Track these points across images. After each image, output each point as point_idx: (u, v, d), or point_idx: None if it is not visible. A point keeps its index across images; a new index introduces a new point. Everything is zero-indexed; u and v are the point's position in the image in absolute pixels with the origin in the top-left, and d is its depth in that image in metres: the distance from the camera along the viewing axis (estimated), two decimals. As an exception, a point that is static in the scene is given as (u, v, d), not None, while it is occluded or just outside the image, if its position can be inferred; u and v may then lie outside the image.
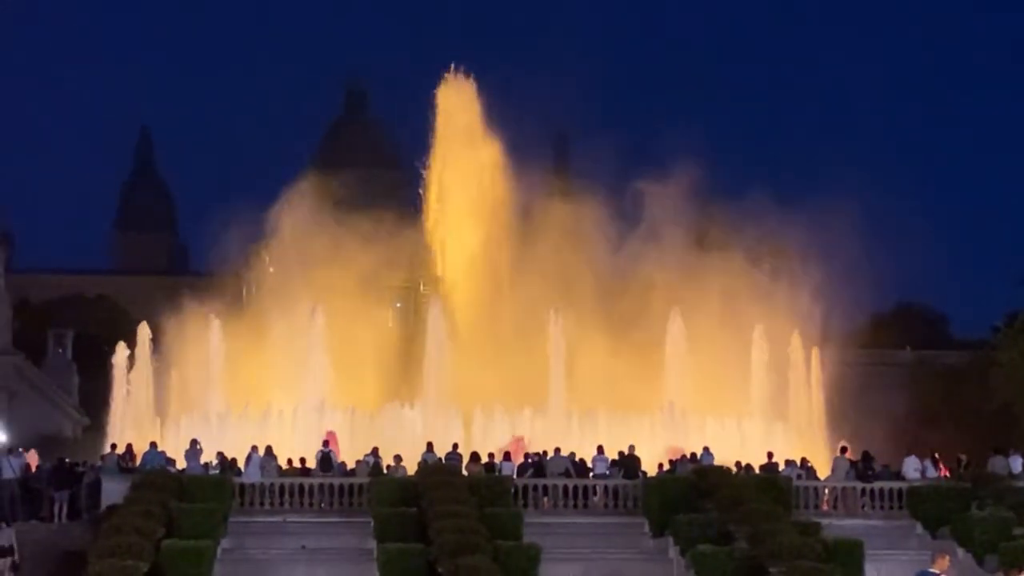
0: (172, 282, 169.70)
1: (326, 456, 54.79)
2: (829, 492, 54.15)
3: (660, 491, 50.39)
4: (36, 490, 52.78)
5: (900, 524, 51.39)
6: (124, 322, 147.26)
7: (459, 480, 49.18)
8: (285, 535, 48.31)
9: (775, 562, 41.44)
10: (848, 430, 64.98)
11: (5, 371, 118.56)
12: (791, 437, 65.58)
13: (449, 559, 40.77)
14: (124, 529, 42.22)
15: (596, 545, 48.23)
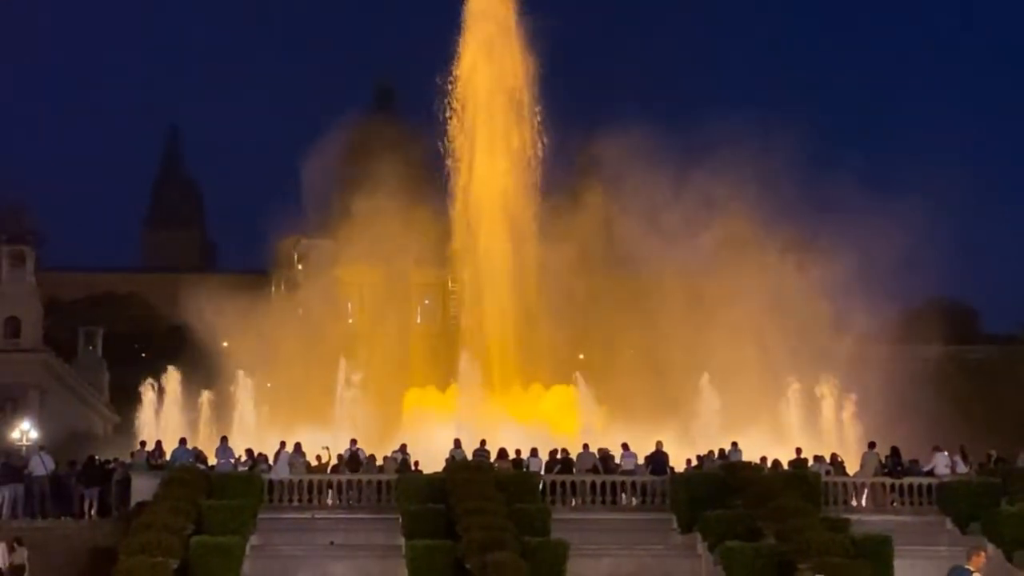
0: (201, 279, 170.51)
1: (354, 454, 54.93)
2: (858, 488, 54.04)
3: (688, 487, 50.35)
4: (66, 487, 53.11)
5: (930, 520, 51.25)
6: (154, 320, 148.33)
7: (487, 476, 49.23)
8: (314, 531, 48.47)
9: (804, 558, 41.36)
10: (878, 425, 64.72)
11: (36, 369, 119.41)
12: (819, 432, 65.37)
13: (477, 555, 40.81)
14: (154, 526, 42.42)
15: (624, 541, 48.19)
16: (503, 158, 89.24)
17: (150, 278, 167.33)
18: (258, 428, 61.44)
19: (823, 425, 66.57)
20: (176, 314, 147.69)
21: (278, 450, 54.86)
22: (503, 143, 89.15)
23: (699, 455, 56.30)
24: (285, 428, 59.39)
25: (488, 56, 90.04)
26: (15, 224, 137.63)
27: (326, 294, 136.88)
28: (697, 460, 55.91)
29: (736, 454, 55.40)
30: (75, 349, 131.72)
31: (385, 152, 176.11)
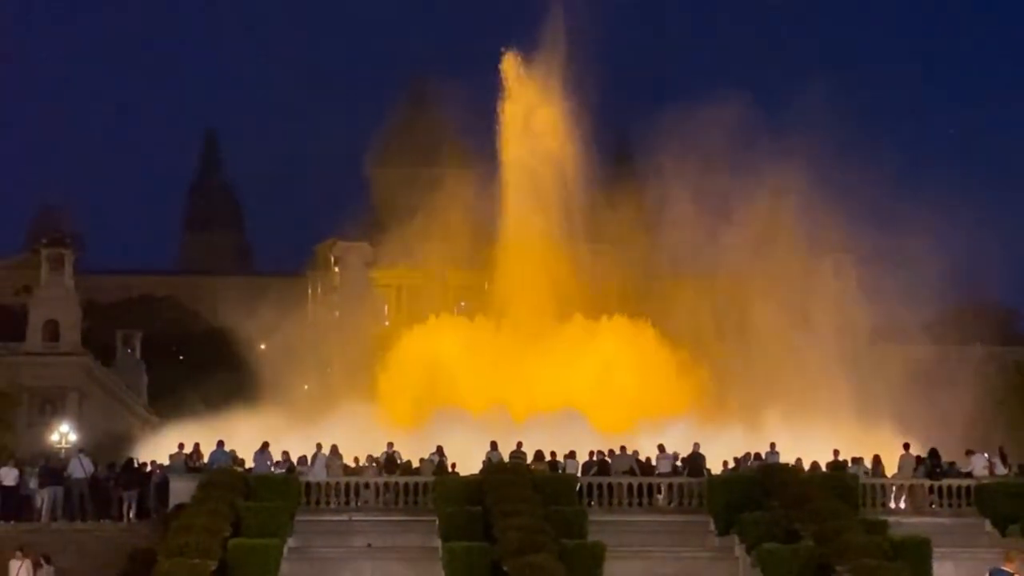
0: (238, 282, 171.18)
1: (391, 456, 55.01)
2: (896, 490, 53.83)
3: (725, 489, 50.26)
4: (105, 490, 53.38)
5: (968, 522, 51.00)
6: (192, 322, 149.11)
7: (524, 478, 49.23)
8: (351, 533, 48.60)
9: (841, 560, 41.26)
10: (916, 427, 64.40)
11: (75, 372, 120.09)
12: (857, 434, 64.93)
13: (514, 558, 40.85)
14: (192, 528, 42.59)
15: (661, 543, 48.19)
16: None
17: (188, 280, 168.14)
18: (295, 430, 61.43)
19: (860, 426, 66.12)
20: (214, 317, 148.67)
21: (315, 452, 54.99)
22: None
23: (736, 457, 56.14)
24: (322, 430, 59.42)
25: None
26: (54, 227, 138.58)
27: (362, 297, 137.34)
28: (734, 462, 55.78)
29: (773, 456, 55.22)
30: (113, 352, 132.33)
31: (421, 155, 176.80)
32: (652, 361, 76.07)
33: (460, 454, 55.45)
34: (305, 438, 59.14)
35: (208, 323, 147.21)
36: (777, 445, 56.65)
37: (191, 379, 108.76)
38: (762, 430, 63.04)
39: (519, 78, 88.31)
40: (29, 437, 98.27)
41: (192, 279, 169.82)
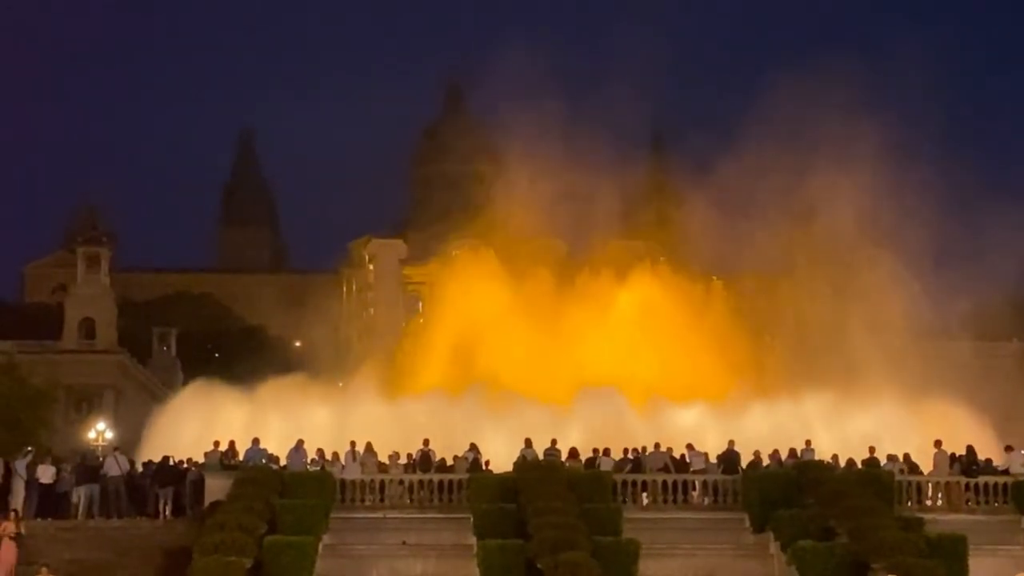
0: (273, 279, 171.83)
1: (425, 454, 55.10)
2: (932, 487, 53.63)
3: (760, 486, 50.10)
4: (141, 487, 53.62)
5: (1005, 519, 50.75)
6: (227, 319, 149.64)
7: (558, 476, 49.25)
8: (386, 531, 48.70)
9: (877, 558, 41.19)
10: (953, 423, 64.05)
11: (111, 370, 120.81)
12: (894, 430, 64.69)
13: (549, 555, 40.89)
14: (227, 525, 42.79)
15: (696, 541, 48.16)
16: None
17: (223, 278, 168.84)
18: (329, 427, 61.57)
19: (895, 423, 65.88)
20: (249, 314, 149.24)
21: (349, 450, 55.13)
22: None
23: (770, 454, 56.02)
24: (356, 427, 59.54)
25: None
26: (90, 226, 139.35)
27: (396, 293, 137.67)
28: (769, 459, 55.65)
29: (809, 453, 55.10)
30: (149, 349, 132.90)
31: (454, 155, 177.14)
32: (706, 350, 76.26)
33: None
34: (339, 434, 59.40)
35: (243, 320, 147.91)
36: (814, 440, 56.60)
37: (226, 376, 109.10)
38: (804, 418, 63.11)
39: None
40: (65, 435, 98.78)
41: (227, 277, 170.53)
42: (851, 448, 56.08)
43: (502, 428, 60.84)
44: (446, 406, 64.49)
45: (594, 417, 62.63)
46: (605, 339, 76.13)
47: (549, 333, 76.72)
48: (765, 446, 57.15)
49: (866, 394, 66.31)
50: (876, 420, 62.64)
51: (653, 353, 74.70)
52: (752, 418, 63.70)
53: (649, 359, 73.72)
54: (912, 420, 61.69)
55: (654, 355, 74.46)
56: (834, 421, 63.06)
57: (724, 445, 55.39)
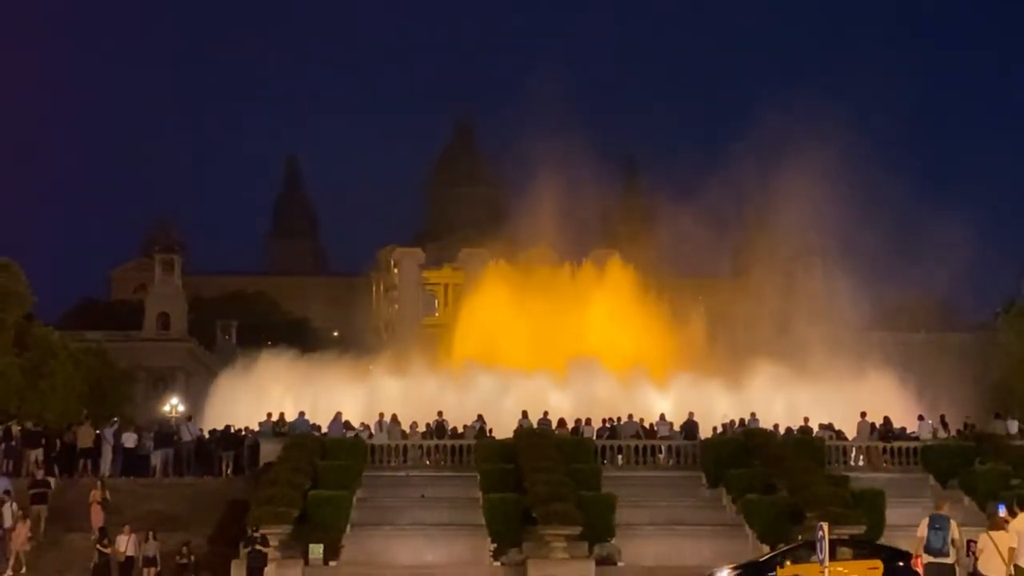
0: (316, 281, 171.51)
1: (440, 424, 55.13)
2: (855, 450, 53.64)
3: (715, 450, 50.19)
4: (208, 451, 53.65)
5: (915, 477, 50.73)
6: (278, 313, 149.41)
7: (549, 441, 49.26)
8: (408, 486, 48.63)
9: (811, 508, 41.16)
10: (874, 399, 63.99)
11: (182, 355, 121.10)
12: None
13: (542, 506, 40.95)
14: (278, 482, 42.84)
15: (662, 495, 48.09)
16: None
17: (275, 280, 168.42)
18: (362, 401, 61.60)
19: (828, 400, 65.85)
20: (296, 309, 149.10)
21: (378, 420, 55.15)
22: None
23: (723, 423, 56.08)
24: (384, 402, 59.54)
25: None
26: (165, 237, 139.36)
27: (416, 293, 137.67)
28: (722, 427, 55.71)
29: (755, 423, 55.15)
30: (214, 338, 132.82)
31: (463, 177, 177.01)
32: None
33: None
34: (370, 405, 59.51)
35: (291, 314, 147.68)
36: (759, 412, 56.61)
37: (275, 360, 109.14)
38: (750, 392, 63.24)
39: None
40: (145, 408, 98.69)
41: (278, 279, 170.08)
42: (790, 418, 56.15)
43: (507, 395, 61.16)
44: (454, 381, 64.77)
45: (580, 380, 62.96)
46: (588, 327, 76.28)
47: (545, 320, 76.85)
48: (718, 417, 57.36)
49: (803, 375, 66.31)
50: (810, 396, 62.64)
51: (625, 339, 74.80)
52: (708, 393, 63.78)
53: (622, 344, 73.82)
54: (840, 396, 61.63)
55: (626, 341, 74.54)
56: (776, 397, 63.07)
57: (685, 415, 55.49)
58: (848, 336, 77.35)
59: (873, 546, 36.98)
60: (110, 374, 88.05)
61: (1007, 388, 75.83)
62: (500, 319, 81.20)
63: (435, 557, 43.21)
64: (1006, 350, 77.81)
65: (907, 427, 55.37)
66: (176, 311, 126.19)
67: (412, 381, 66.20)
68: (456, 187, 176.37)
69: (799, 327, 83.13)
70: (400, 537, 44.22)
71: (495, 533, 42.67)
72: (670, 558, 42.29)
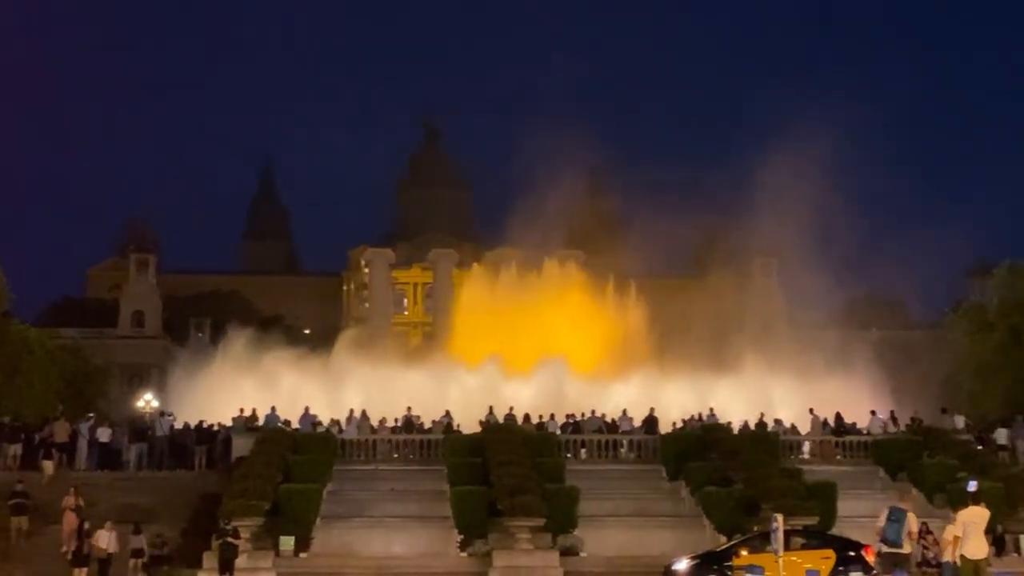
0: (287, 281, 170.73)
1: (408, 419, 55.07)
2: (809, 444, 53.92)
3: (675, 444, 50.33)
4: (182, 445, 53.37)
5: (866, 470, 51.03)
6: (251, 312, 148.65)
7: (515, 436, 49.25)
8: (378, 480, 48.55)
9: (766, 500, 41.36)
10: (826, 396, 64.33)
11: (157, 352, 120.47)
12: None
13: (507, 498, 40.95)
14: (250, 475, 42.66)
15: (624, 487, 48.23)
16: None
17: (248, 279, 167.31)
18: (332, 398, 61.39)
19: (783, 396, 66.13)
20: (269, 307, 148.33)
21: (348, 415, 55.01)
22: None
23: (683, 419, 56.26)
24: (354, 397, 59.40)
25: None
26: (140, 236, 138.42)
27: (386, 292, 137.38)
28: (682, 423, 55.90)
29: (713, 418, 55.39)
30: (187, 335, 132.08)
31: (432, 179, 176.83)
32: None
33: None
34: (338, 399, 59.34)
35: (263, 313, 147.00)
36: (717, 408, 56.82)
37: (248, 356, 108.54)
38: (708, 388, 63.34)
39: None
40: (120, 404, 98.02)
41: (252, 278, 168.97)
42: (746, 414, 56.39)
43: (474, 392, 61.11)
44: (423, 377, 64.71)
45: (546, 378, 63.00)
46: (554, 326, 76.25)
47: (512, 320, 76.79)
48: (678, 412, 57.52)
49: (759, 372, 66.60)
50: (767, 392, 62.96)
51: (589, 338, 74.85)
52: (668, 390, 63.95)
53: (587, 342, 73.88)
54: (794, 392, 61.98)
55: (591, 339, 74.60)
56: (733, 393, 63.31)
57: (646, 411, 55.62)
58: (803, 334, 77.74)
59: (826, 536, 37.13)
60: (85, 370, 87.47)
61: (955, 385, 76.41)
62: (468, 318, 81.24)
63: (403, 548, 43.09)
64: (954, 348, 78.34)
65: (858, 422, 55.71)
66: (151, 309, 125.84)
67: (381, 378, 65.99)
68: (425, 188, 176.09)
69: (755, 326, 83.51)
70: (369, 529, 44.09)
71: (462, 525, 42.62)
72: (631, 548, 42.35)
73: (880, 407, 58.79)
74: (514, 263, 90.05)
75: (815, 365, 65.72)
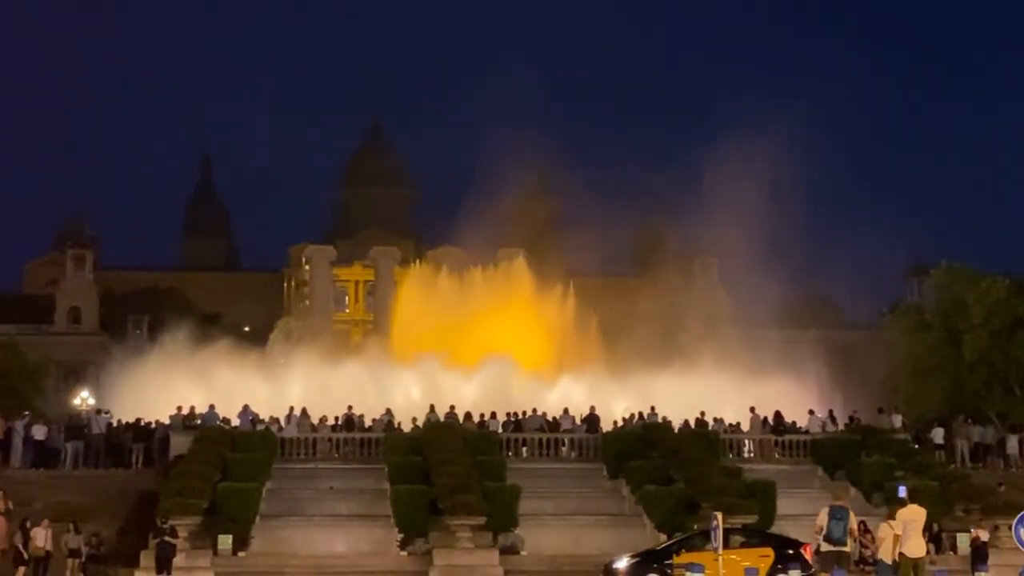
0: (227, 278, 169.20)
1: (349, 417, 54.77)
2: (749, 443, 54.25)
3: (615, 442, 50.46)
4: (119, 443, 52.74)
5: (805, 468, 51.42)
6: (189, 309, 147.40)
7: (456, 434, 49.18)
8: (317, 478, 48.30)
9: (707, 499, 41.57)
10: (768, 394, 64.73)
11: (94, 349, 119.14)
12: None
13: (448, 497, 40.89)
14: (188, 474, 42.32)
15: (565, 486, 48.30)
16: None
17: (187, 276, 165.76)
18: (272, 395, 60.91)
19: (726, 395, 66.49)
20: (208, 305, 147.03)
21: (288, 413, 54.63)
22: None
23: (624, 417, 56.36)
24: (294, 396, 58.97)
25: None
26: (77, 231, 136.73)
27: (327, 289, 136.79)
28: (622, 421, 55.99)
29: (654, 417, 55.52)
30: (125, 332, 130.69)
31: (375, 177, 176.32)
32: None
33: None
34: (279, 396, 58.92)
35: (202, 310, 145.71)
36: (657, 407, 56.96)
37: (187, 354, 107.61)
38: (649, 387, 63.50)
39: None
40: (56, 401, 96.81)
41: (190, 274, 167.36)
42: (687, 413, 56.59)
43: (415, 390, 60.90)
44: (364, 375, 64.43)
45: (489, 376, 63.00)
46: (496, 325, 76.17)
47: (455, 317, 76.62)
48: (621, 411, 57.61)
49: (700, 371, 66.91)
50: (707, 391, 63.24)
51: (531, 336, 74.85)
52: (610, 388, 64.06)
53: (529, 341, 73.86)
54: (736, 391, 62.33)
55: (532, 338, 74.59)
56: (674, 392, 63.50)
57: (587, 410, 55.70)
58: (745, 334, 78.26)
59: (765, 535, 37.40)
60: (21, 367, 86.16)
61: (892, 384, 77.25)
62: (410, 316, 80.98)
63: (343, 547, 42.92)
64: (891, 348, 79.20)
65: (797, 421, 56.13)
66: (87, 305, 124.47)
67: (322, 375, 65.60)
68: (368, 185, 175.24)
69: (698, 325, 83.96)
70: (308, 528, 43.85)
71: (402, 524, 42.49)
72: (571, 547, 42.45)
73: (827, 407, 59.33)
74: (457, 261, 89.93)
75: (757, 364, 66.12)
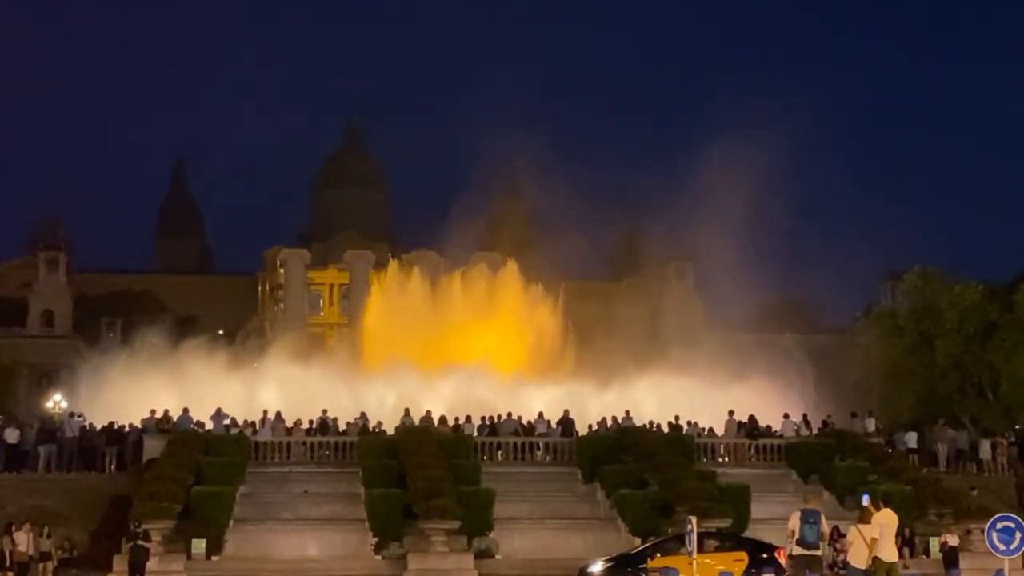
0: (201, 281, 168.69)
1: (323, 420, 54.68)
2: (723, 447, 54.43)
3: (590, 446, 50.57)
4: (92, 447, 52.51)
5: (779, 472, 51.65)
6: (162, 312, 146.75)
7: (431, 438, 49.19)
8: (291, 482, 48.23)
9: (681, 502, 41.73)
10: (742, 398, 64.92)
11: (66, 352, 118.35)
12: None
13: (422, 501, 40.94)
14: (162, 477, 42.22)
15: (539, 489, 48.37)
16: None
17: (160, 278, 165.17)
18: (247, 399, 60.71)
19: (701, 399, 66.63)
20: (182, 308, 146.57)
21: (262, 417, 54.52)
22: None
23: (598, 421, 56.43)
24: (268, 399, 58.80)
25: None
26: (50, 234, 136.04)
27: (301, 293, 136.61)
28: (597, 425, 56.07)
29: (628, 421, 55.62)
30: (98, 335, 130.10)
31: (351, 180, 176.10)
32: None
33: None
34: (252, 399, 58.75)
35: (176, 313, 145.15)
36: (632, 411, 57.07)
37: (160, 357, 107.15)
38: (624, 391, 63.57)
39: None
40: (29, 404, 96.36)
41: (164, 277, 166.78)
42: (661, 417, 56.70)
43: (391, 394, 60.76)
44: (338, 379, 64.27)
45: (464, 380, 63.00)
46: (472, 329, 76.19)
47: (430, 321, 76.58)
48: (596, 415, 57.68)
49: (674, 375, 67.03)
50: (681, 395, 63.38)
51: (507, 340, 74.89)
52: (584, 392, 64.09)
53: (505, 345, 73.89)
54: (710, 395, 62.48)
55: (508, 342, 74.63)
56: (649, 396, 63.65)
57: (562, 413, 55.75)
58: (720, 337, 78.46)
59: (739, 538, 37.60)
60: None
61: (866, 388, 77.62)
62: (384, 319, 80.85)
63: (317, 551, 42.90)
64: (865, 352, 79.62)
65: (772, 425, 56.33)
66: (60, 308, 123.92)
67: (296, 379, 65.44)
68: (342, 189, 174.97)
69: (673, 329, 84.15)
70: (283, 532, 43.83)
71: (377, 527, 42.51)
72: (546, 551, 42.56)
73: (793, 410, 59.47)
74: (433, 265, 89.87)
75: (733, 368, 66.34)
